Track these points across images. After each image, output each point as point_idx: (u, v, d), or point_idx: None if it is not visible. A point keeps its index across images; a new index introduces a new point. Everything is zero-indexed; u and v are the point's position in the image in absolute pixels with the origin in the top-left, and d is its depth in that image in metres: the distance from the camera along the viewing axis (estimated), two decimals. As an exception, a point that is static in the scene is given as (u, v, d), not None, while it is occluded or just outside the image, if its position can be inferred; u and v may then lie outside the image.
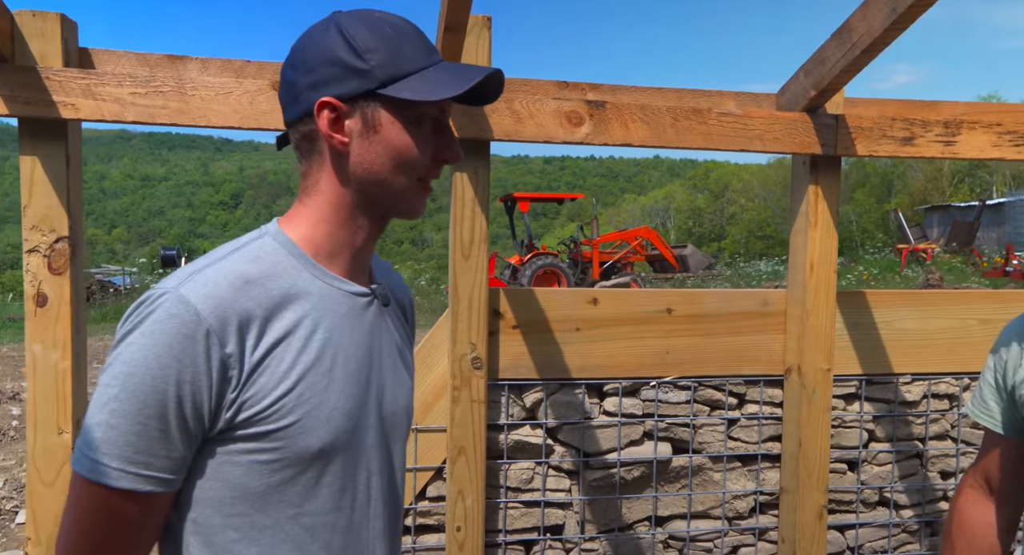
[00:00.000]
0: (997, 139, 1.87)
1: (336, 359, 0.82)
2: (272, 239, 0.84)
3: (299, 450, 0.78)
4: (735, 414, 2.02)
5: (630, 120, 1.73)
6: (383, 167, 0.83)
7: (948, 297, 2.08)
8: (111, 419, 0.72)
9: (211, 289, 0.75)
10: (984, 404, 1.27)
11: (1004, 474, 1.23)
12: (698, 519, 2.03)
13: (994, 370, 1.26)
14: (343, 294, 0.85)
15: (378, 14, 0.84)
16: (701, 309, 1.96)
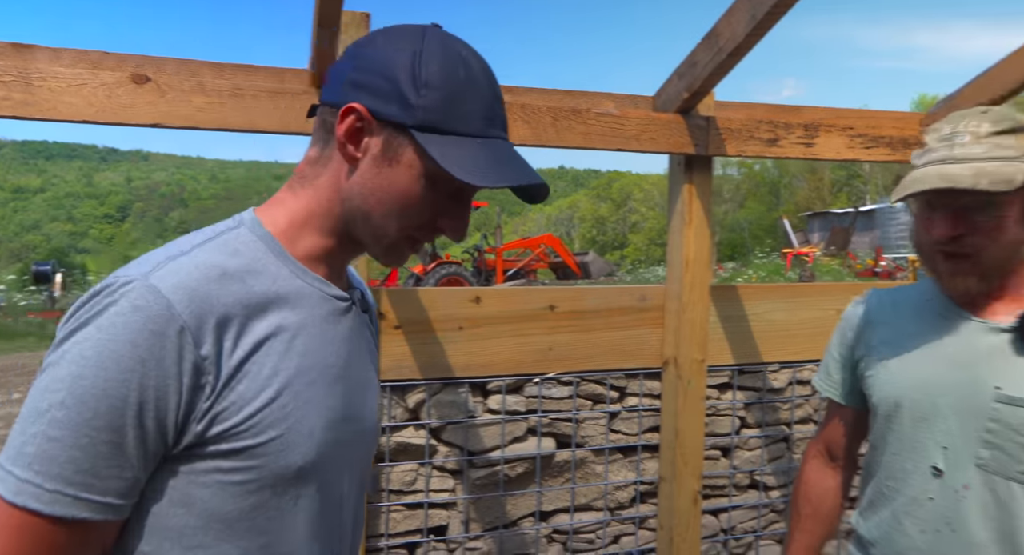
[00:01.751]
0: (850, 141, 2.01)
1: (317, 367, 0.74)
2: (249, 231, 0.75)
3: (278, 469, 0.69)
4: (616, 407, 2.07)
5: (511, 119, 1.74)
6: (378, 204, 0.74)
7: (811, 290, 2.21)
8: (50, 430, 0.60)
9: (185, 280, 0.65)
10: (829, 377, 1.39)
11: (844, 440, 1.38)
12: (581, 511, 2.07)
13: (839, 346, 1.38)
14: (324, 297, 0.77)
15: (465, 52, 0.76)
16: (582, 306, 2.00)
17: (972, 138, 1.08)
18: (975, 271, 1.12)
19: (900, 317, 1.28)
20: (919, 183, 1.08)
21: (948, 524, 1.16)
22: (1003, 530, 1.12)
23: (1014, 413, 1.11)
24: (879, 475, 1.28)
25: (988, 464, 1.13)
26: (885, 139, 2.02)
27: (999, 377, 1.13)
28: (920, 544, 1.18)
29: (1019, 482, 1.12)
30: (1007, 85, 1.91)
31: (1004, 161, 1.06)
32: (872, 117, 2.09)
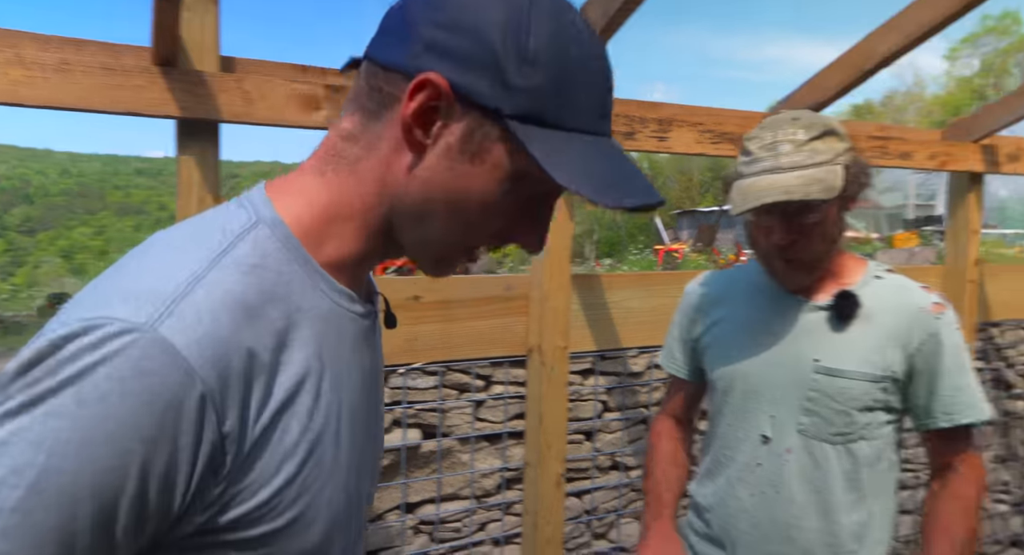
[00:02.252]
0: (700, 137, 2.13)
1: (343, 416, 0.59)
2: (271, 232, 0.56)
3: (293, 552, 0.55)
4: (482, 396, 2.09)
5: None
6: (445, 207, 0.57)
7: (666, 278, 2.33)
8: None
9: (211, 328, 0.48)
10: (672, 355, 1.50)
11: (687, 412, 1.51)
12: (448, 501, 2.07)
13: (680, 325, 1.48)
14: (352, 318, 0.61)
15: (579, 23, 0.57)
16: (448, 295, 2.00)
17: (792, 146, 1.17)
18: (806, 269, 1.23)
19: (734, 298, 1.39)
20: (760, 197, 1.15)
21: (773, 486, 1.26)
22: (818, 487, 1.24)
23: (830, 382, 1.22)
24: (715, 446, 1.38)
25: (808, 429, 1.24)
26: (729, 135, 2.16)
27: (818, 350, 1.24)
28: (748, 506, 1.28)
29: (831, 444, 1.23)
30: (828, 91, 2.10)
31: (823, 166, 1.15)
32: (719, 115, 2.22)
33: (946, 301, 1.27)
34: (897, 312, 1.24)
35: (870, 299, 1.25)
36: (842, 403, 1.22)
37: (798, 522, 1.24)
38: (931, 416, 1.25)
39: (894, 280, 1.29)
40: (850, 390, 1.21)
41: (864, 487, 1.24)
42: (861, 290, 1.26)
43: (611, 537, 2.33)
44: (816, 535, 1.23)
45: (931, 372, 1.23)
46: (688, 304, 1.47)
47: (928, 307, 1.24)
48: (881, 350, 1.22)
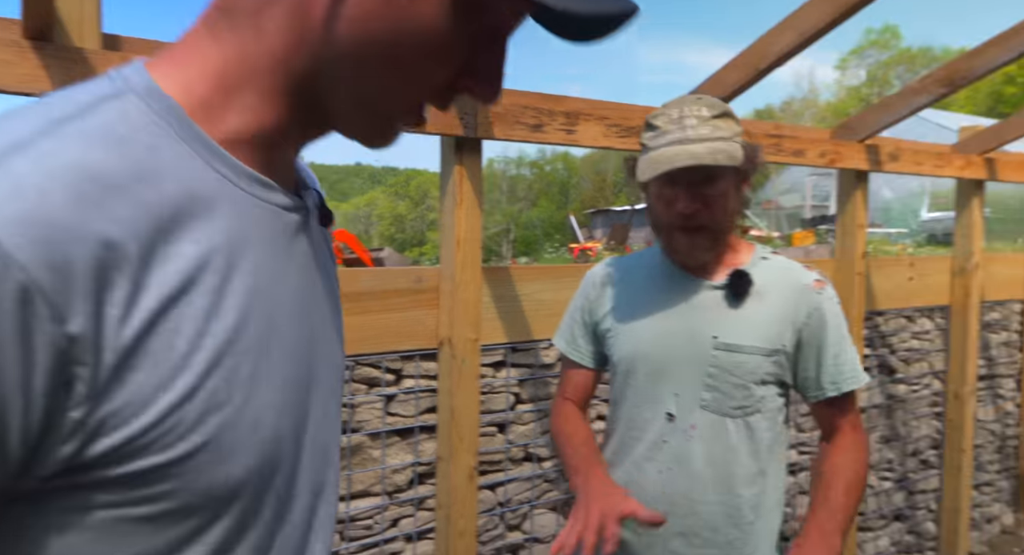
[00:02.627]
0: (607, 130, 2.17)
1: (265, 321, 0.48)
2: (142, 101, 0.45)
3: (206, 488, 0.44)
4: (393, 390, 2.06)
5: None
6: (377, 52, 0.47)
7: (577, 270, 2.35)
8: None
9: (33, 207, 0.37)
10: (573, 340, 1.50)
11: (583, 394, 1.51)
12: (358, 498, 2.03)
13: (580, 309, 1.49)
14: (269, 210, 0.50)
15: None
16: (358, 288, 1.95)
17: (698, 121, 1.23)
18: (708, 241, 1.28)
19: (634, 281, 1.42)
20: (671, 161, 1.20)
21: (679, 461, 1.30)
22: (720, 461, 1.29)
23: (728, 357, 1.28)
24: (620, 429, 1.40)
25: (710, 404, 1.30)
26: (636, 130, 2.20)
27: (716, 327, 1.30)
28: (656, 483, 1.32)
29: (732, 417, 1.29)
30: (728, 88, 2.18)
31: (725, 141, 1.22)
32: (625, 109, 2.27)
33: (825, 278, 1.37)
34: (784, 290, 1.33)
35: (760, 278, 1.33)
36: (740, 377, 1.28)
37: (702, 496, 1.29)
38: (820, 387, 1.34)
39: (779, 261, 1.39)
40: (747, 364, 1.28)
41: (762, 460, 1.31)
42: (752, 270, 1.33)
43: (525, 528, 2.34)
44: (718, 507, 1.29)
45: (817, 344, 1.33)
46: (588, 288, 1.50)
47: (811, 284, 1.34)
48: (773, 325, 1.30)
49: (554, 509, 2.40)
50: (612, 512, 1.12)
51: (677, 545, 1.31)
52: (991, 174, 3.24)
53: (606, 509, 1.13)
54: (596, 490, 1.20)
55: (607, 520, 1.11)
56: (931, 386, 3.61)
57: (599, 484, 1.22)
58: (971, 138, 3.17)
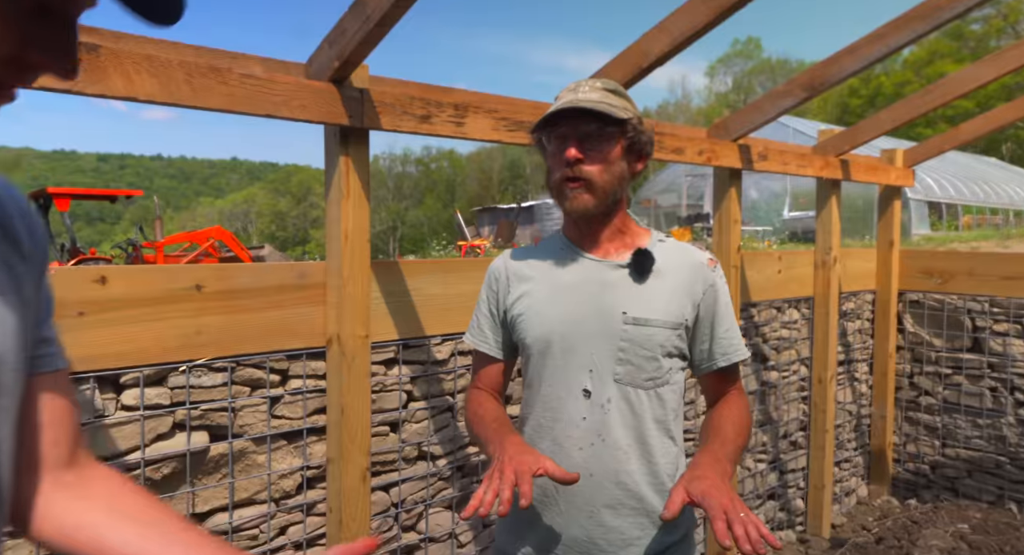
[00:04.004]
0: (496, 123, 2.16)
1: None
2: None
3: None
4: (278, 391, 1.96)
5: (134, 71, 1.52)
6: None
7: (465, 264, 2.34)
8: None
9: None
10: (482, 333, 1.51)
11: (498, 385, 1.52)
12: (242, 507, 1.91)
13: (487, 301, 1.50)
14: None
15: None
16: (235, 285, 1.84)
17: (590, 89, 1.34)
18: (591, 193, 1.33)
19: (539, 267, 1.44)
20: (557, 108, 1.30)
21: (599, 435, 1.33)
22: (637, 433, 1.34)
23: (638, 331, 1.33)
24: (536, 411, 1.40)
25: (623, 377, 1.33)
26: (525, 124, 2.21)
27: (624, 304, 1.35)
28: (579, 461, 1.33)
29: (644, 389, 1.34)
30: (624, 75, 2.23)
31: (614, 108, 1.31)
32: (514, 103, 2.27)
33: (715, 257, 1.47)
34: (683, 267, 1.40)
35: (660, 257, 1.39)
36: (650, 349, 1.33)
37: (625, 466, 1.33)
38: (712, 358, 1.43)
39: (674, 242, 1.47)
40: (655, 336, 1.34)
41: (671, 428, 1.38)
42: (652, 249, 1.40)
43: (420, 528, 2.30)
44: (641, 477, 1.34)
45: (711, 318, 1.41)
46: (493, 279, 1.50)
47: (706, 261, 1.43)
48: (675, 299, 1.37)
49: (449, 507, 2.37)
50: (525, 469, 1.13)
51: (606, 517, 1.33)
52: (846, 174, 3.51)
53: (520, 467, 1.13)
54: (510, 450, 1.20)
55: (521, 476, 1.12)
56: (799, 372, 3.87)
57: (512, 445, 1.22)
58: (828, 140, 3.43)
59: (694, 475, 1.17)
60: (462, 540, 2.41)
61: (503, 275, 1.48)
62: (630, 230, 1.43)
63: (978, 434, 4.04)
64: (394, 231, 53.89)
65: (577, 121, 1.31)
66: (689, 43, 2.11)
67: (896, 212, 4.12)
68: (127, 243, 13.93)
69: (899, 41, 2.43)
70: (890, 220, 4.12)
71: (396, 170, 60.61)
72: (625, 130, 1.33)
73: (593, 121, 1.30)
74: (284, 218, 61.99)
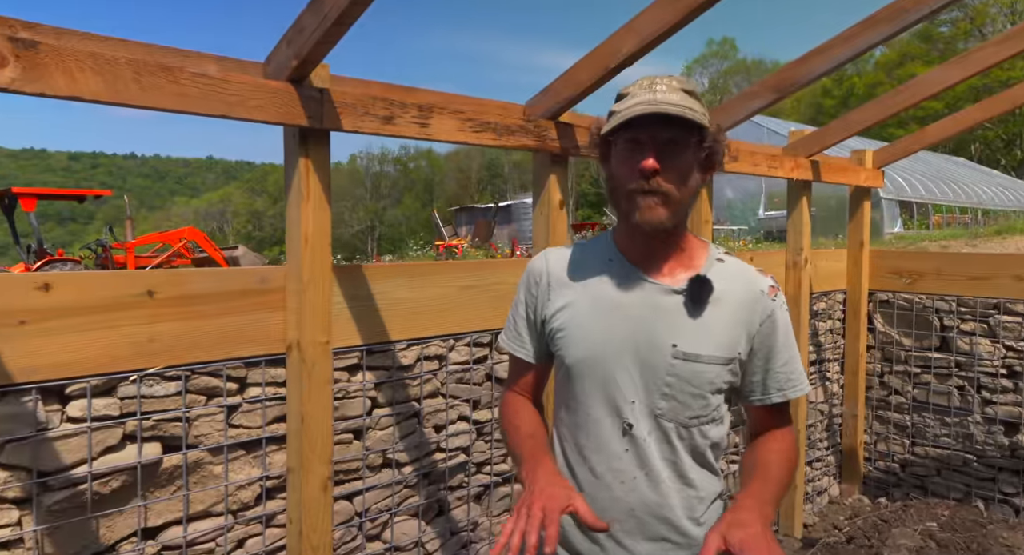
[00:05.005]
0: (461, 124, 2.12)
1: None
2: None
3: None
4: (236, 400, 1.90)
5: (77, 68, 1.45)
6: None
7: (432, 268, 2.30)
8: None
9: None
10: (519, 337, 1.41)
11: (535, 390, 1.44)
12: (198, 520, 1.86)
13: (526, 304, 1.39)
14: None
15: None
16: (190, 290, 1.78)
17: (668, 88, 1.19)
18: (667, 207, 1.20)
19: (584, 277, 1.33)
20: (640, 109, 1.16)
21: (641, 469, 1.26)
22: (675, 465, 1.27)
23: (687, 367, 1.23)
24: (571, 433, 1.32)
25: (665, 413, 1.25)
26: (491, 125, 2.18)
27: (675, 335, 1.23)
28: (620, 494, 1.26)
29: (686, 427, 1.26)
30: (581, 85, 2.20)
31: (694, 111, 1.18)
32: (480, 104, 2.23)
33: (777, 284, 1.32)
34: (741, 296, 1.27)
35: (717, 282, 1.26)
36: (697, 386, 1.23)
37: (667, 500, 1.26)
38: (767, 393, 1.31)
39: (733, 264, 1.32)
40: (706, 374, 1.23)
41: (712, 462, 1.31)
42: (709, 274, 1.27)
43: (385, 538, 2.26)
44: (682, 511, 1.27)
45: (768, 351, 1.29)
46: (533, 282, 1.38)
47: (767, 290, 1.29)
48: (730, 333, 1.25)
49: (416, 515, 2.33)
50: (555, 506, 1.06)
51: (648, 551, 1.27)
52: (816, 175, 3.52)
53: (550, 504, 1.07)
54: (540, 483, 1.12)
55: (550, 516, 1.05)
56: (769, 372, 3.88)
57: (545, 476, 1.14)
58: (798, 141, 3.44)
59: (735, 520, 1.08)
60: (429, 548, 2.36)
61: (544, 279, 1.36)
62: (688, 246, 1.30)
63: (946, 432, 4.08)
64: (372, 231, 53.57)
65: (656, 126, 1.17)
66: (658, 43, 2.08)
67: (866, 213, 4.14)
68: (96, 244, 13.66)
69: (867, 42, 2.43)
70: (860, 220, 4.14)
71: (374, 169, 60.25)
72: (705, 138, 1.21)
73: (674, 127, 1.17)
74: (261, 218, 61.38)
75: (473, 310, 2.39)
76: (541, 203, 2.46)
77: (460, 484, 2.45)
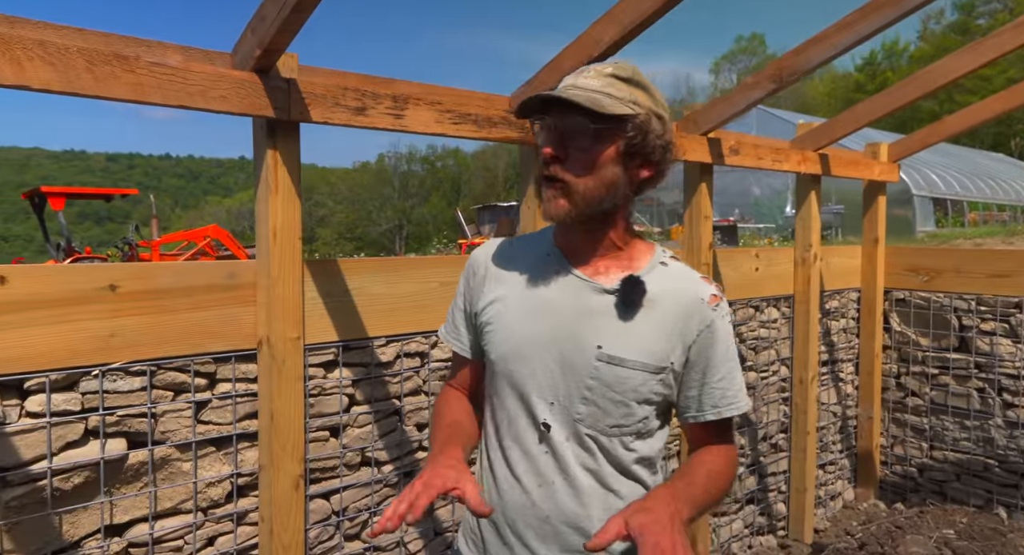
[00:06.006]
0: (440, 116, 2.06)
1: None
2: None
3: None
4: (205, 396, 1.87)
5: (25, 57, 1.43)
6: None
7: (410, 263, 2.25)
8: None
9: None
10: (456, 330, 1.37)
11: (473, 385, 1.38)
12: (166, 517, 1.83)
13: (463, 296, 1.35)
14: None
15: None
16: (155, 284, 1.76)
17: (595, 74, 1.15)
18: (567, 199, 1.14)
19: (518, 271, 1.28)
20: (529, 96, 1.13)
21: (560, 474, 1.19)
22: (597, 475, 1.19)
23: (610, 370, 1.16)
24: (495, 428, 1.27)
25: (584, 419, 1.18)
26: (472, 116, 2.12)
27: (600, 336, 1.17)
28: (536, 498, 1.20)
29: (607, 436, 1.18)
30: (564, 73, 2.13)
31: (609, 97, 1.12)
32: (460, 95, 2.18)
33: (721, 292, 1.25)
34: (678, 301, 1.20)
35: (654, 285, 1.20)
36: (620, 393, 1.16)
37: (587, 510, 1.18)
38: (701, 409, 1.23)
39: (677, 268, 1.25)
40: (629, 380, 1.16)
41: (642, 477, 1.22)
42: (647, 276, 1.20)
43: (364, 537, 2.21)
44: (600, 523, 1.15)
45: (704, 364, 1.21)
46: (472, 273, 1.33)
47: (707, 298, 1.21)
48: (662, 340, 1.18)
49: (397, 514, 2.28)
50: (437, 482, 1.01)
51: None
52: (825, 169, 3.40)
53: (431, 480, 1.01)
54: (436, 463, 1.07)
55: (425, 489, 1.00)
56: (779, 372, 3.77)
57: (445, 459, 1.09)
58: (806, 134, 3.32)
59: (641, 506, 1.01)
60: (411, 549, 2.32)
61: (481, 271, 1.31)
62: (629, 246, 1.24)
63: (966, 436, 3.93)
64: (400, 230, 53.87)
65: (563, 112, 1.12)
66: (639, 31, 2.01)
67: (881, 208, 4.00)
68: (123, 242, 13.92)
69: (868, 28, 2.32)
70: (875, 216, 4.00)
71: (402, 168, 60.58)
72: (624, 129, 1.12)
73: (581, 114, 1.10)
74: (289, 217, 61.99)
75: (456, 306, 2.34)
76: (528, 197, 2.40)
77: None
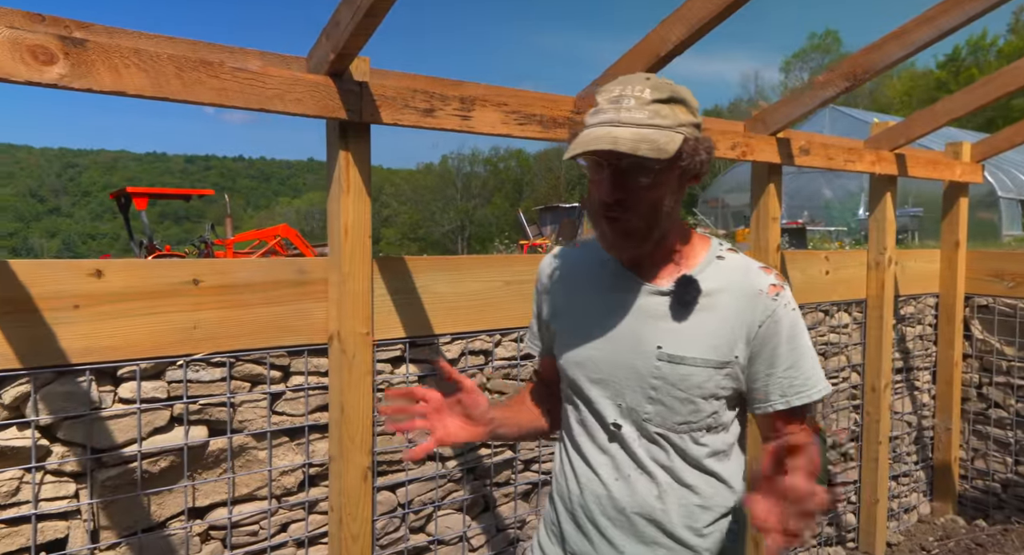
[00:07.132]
0: (505, 117, 2.09)
1: None
2: None
3: None
4: (279, 387, 1.95)
5: (122, 65, 1.53)
6: None
7: (474, 262, 2.28)
8: None
9: None
10: (534, 335, 1.46)
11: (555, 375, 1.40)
12: (243, 503, 1.92)
13: (536, 304, 1.43)
14: None
15: None
16: (233, 280, 1.84)
17: (636, 103, 1.13)
18: (632, 236, 1.16)
19: (579, 279, 1.33)
20: (588, 144, 1.11)
21: (636, 468, 1.24)
22: (670, 470, 1.23)
23: (672, 370, 1.18)
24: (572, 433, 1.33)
25: (652, 418, 1.21)
26: (537, 117, 2.14)
27: (660, 337, 1.20)
28: (614, 490, 1.25)
29: (676, 433, 1.21)
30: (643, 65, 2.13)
31: (661, 130, 1.11)
32: (525, 96, 2.20)
33: (783, 281, 1.24)
34: (738, 295, 1.20)
35: (712, 281, 1.21)
36: (685, 390, 1.18)
37: (664, 504, 1.22)
38: (768, 400, 1.22)
39: (734, 261, 1.25)
40: (693, 377, 1.18)
41: (715, 469, 1.24)
42: (703, 273, 1.22)
43: (428, 530, 2.26)
44: (678, 517, 1.22)
45: (770, 354, 1.21)
46: (539, 283, 1.42)
47: (766, 289, 1.21)
48: (723, 334, 1.19)
49: (460, 510, 2.32)
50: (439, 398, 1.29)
51: (639, 552, 1.24)
52: (902, 170, 3.28)
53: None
54: None
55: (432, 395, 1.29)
56: (849, 379, 3.65)
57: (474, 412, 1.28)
58: (881, 134, 3.21)
59: None
60: (474, 544, 2.36)
61: (545, 280, 1.39)
62: (686, 245, 1.25)
63: (1054, 451, 3.72)
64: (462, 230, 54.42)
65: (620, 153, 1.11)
66: (707, 30, 1.99)
67: (962, 211, 3.83)
68: (199, 240, 14.54)
69: (950, 23, 2.24)
70: (955, 219, 3.83)
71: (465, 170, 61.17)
72: (679, 157, 1.13)
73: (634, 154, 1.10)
74: (356, 217, 63.39)
75: (517, 305, 2.36)
76: (592, 197, 2.40)
77: (507, 481, 2.43)
